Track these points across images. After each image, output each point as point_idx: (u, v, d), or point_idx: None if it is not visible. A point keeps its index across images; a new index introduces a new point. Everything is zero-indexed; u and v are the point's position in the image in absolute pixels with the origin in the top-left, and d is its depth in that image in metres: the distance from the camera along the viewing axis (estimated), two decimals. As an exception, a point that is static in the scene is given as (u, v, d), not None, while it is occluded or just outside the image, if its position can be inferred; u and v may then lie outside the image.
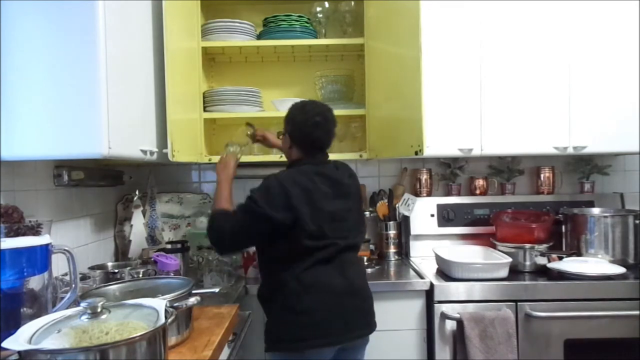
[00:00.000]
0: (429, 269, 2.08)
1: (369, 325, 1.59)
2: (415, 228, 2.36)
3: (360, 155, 2.26)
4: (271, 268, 1.56)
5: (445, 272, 1.98)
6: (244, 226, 1.49)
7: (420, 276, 1.98)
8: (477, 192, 2.47)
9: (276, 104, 2.25)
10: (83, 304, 0.92)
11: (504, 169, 2.48)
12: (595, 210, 2.22)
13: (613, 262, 1.98)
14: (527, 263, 2.00)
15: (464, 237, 2.36)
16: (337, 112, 2.22)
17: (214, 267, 1.92)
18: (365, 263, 2.18)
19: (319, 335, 1.46)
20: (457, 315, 1.81)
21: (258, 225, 1.48)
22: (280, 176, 1.52)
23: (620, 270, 1.87)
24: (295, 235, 1.47)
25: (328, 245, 1.50)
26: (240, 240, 1.53)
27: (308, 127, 1.58)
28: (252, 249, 2.22)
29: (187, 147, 1.90)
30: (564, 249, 2.17)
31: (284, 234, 1.48)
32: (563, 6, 2.11)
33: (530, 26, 2.11)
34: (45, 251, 1.12)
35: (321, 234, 1.49)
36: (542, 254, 2.00)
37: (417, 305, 1.92)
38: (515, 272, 1.97)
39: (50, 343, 0.85)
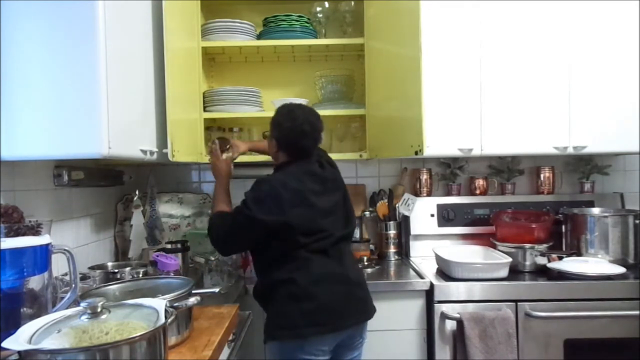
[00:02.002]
0: (429, 269, 2.08)
1: (366, 311, 1.63)
2: (415, 228, 2.36)
3: (360, 155, 2.26)
4: (270, 265, 1.58)
5: (445, 272, 1.98)
6: (238, 229, 1.55)
7: (420, 276, 1.98)
8: (477, 192, 2.47)
9: (276, 104, 2.23)
10: (83, 304, 0.92)
11: (504, 169, 2.48)
12: (595, 210, 2.22)
13: (613, 262, 1.98)
14: (527, 263, 2.00)
15: (464, 237, 2.36)
16: (337, 112, 2.25)
17: (214, 267, 1.92)
18: (365, 263, 2.18)
19: (321, 322, 1.49)
20: (457, 315, 1.81)
21: (250, 228, 1.53)
22: (272, 181, 1.57)
23: (620, 270, 1.87)
24: (289, 235, 1.52)
25: (324, 237, 1.56)
26: (237, 242, 1.60)
27: (295, 136, 1.62)
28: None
29: (187, 147, 1.90)
30: (564, 249, 2.17)
31: (278, 234, 1.53)
32: (563, 6, 2.11)
33: (530, 26, 2.11)
34: (45, 251, 1.12)
35: (316, 229, 1.55)
36: (542, 254, 2.00)
37: (417, 305, 1.92)
38: (515, 272, 1.97)
39: (50, 343, 0.85)
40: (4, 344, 0.82)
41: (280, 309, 1.53)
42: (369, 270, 2.12)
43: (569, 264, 1.93)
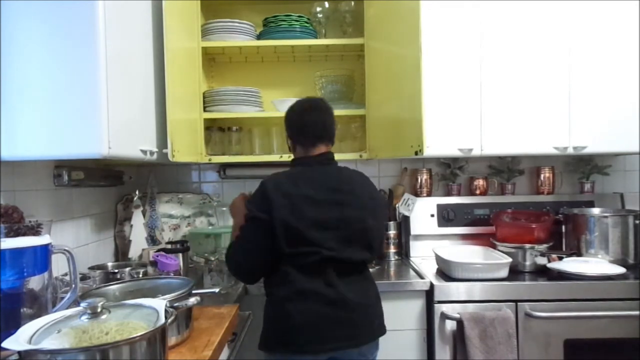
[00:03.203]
0: (429, 269, 2.08)
1: (356, 337, 1.46)
2: (415, 228, 2.36)
3: (360, 155, 2.26)
4: (265, 275, 1.53)
5: (445, 272, 1.98)
6: (249, 238, 1.46)
7: (420, 276, 1.98)
8: (477, 192, 2.47)
9: (276, 104, 2.25)
10: (83, 304, 0.92)
11: (504, 169, 2.48)
12: (595, 210, 2.22)
13: (613, 262, 1.98)
14: (527, 263, 2.00)
15: (464, 237, 2.36)
16: (337, 112, 2.21)
17: (214, 267, 1.92)
18: (365, 263, 2.18)
19: (292, 342, 1.42)
20: (457, 315, 1.81)
21: (257, 232, 1.44)
22: (266, 181, 1.48)
23: (620, 270, 1.87)
24: (275, 241, 1.42)
25: (309, 253, 1.42)
26: (253, 257, 1.47)
27: (297, 115, 1.60)
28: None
29: (187, 147, 1.90)
30: (564, 249, 2.17)
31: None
32: (563, 6, 2.11)
33: (530, 26, 2.11)
34: (45, 251, 1.12)
35: (300, 240, 1.41)
36: (542, 254, 2.00)
37: (417, 305, 1.92)
38: (515, 272, 1.97)
39: (50, 343, 0.85)
40: (4, 344, 0.82)
41: (266, 320, 1.50)
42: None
43: (569, 264, 1.93)
